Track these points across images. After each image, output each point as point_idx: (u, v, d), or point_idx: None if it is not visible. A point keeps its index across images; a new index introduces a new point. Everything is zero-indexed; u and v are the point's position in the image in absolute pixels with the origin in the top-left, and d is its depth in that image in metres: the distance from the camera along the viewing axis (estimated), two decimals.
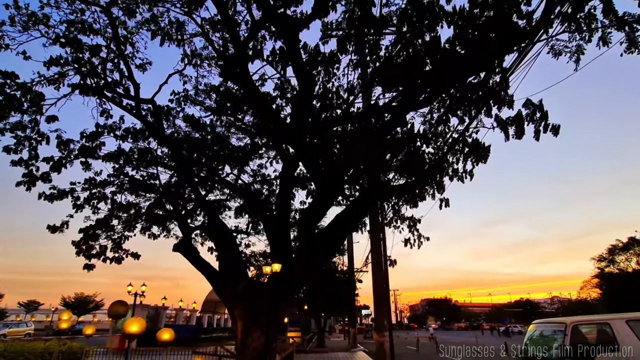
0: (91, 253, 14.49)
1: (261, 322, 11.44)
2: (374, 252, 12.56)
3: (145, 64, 13.16)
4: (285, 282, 11.68)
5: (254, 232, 18.82)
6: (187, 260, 13.12)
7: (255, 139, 14.61)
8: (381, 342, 11.31)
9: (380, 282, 11.97)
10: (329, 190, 10.48)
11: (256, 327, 11.47)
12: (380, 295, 11.87)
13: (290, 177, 13.15)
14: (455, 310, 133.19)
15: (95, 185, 13.97)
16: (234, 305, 12.07)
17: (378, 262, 12.23)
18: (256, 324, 11.50)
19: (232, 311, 12.20)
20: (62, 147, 11.37)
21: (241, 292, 11.77)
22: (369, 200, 12.15)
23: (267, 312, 11.45)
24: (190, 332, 30.27)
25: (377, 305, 11.89)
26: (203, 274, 13.11)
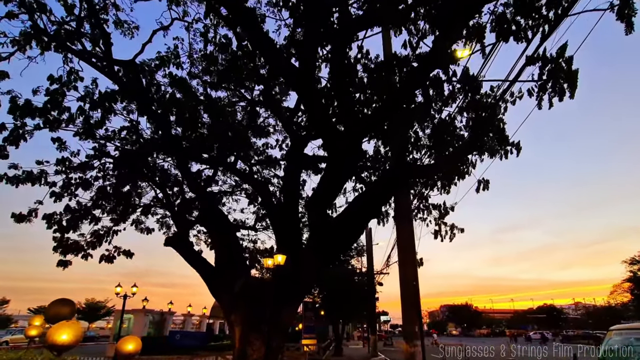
0: (67, 246, 12.44)
1: (262, 329, 9.30)
2: (400, 245, 10.30)
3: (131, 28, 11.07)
4: (291, 280, 9.52)
5: (262, 227, 16.70)
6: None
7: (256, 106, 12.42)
8: (412, 352, 9.07)
9: (409, 280, 9.72)
10: (343, 152, 8.23)
11: (257, 335, 9.36)
12: (409, 297, 9.63)
13: (298, 156, 10.98)
14: (476, 317, 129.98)
15: (72, 169, 11.91)
16: (231, 308, 9.95)
17: (406, 256, 9.99)
18: (256, 331, 9.38)
19: (228, 315, 10.07)
20: (19, 113, 9.21)
21: (238, 292, 9.63)
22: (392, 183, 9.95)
23: (269, 316, 9.31)
24: (198, 339, 28.15)
25: (406, 309, 9.64)
26: (198, 271, 11.06)
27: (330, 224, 9.82)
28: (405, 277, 9.86)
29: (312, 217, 9.65)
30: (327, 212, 10.19)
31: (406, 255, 10.10)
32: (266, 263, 10.38)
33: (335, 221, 9.93)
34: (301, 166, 11.42)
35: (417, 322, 9.62)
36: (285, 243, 10.21)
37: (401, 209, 10.61)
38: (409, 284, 9.78)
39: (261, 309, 9.46)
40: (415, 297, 9.77)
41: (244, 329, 9.47)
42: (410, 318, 9.57)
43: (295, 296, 9.69)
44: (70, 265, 12.15)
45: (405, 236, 10.31)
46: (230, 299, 9.88)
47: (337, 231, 9.47)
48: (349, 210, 9.77)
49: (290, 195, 10.65)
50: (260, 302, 9.54)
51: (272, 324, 9.32)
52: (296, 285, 9.54)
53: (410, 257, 10.05)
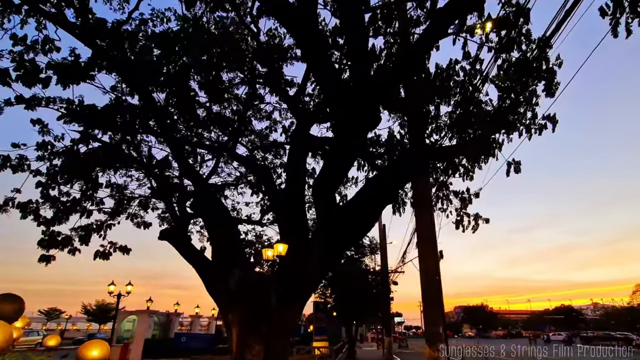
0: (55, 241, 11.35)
1: (262, 331, 8.11)
2: (420, 235, 9.01)
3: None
4: (296, 275, 8.32)
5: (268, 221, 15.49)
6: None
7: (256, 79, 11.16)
8: (435, 358, 7.80)
9: (431, 275, 8.44)
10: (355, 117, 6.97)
11: (255, 337, 8.20)
12: (431, 293, 8.35)
13: (304, 137, 9.76)
14: (492, 318, 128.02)
15: (56, 154, 10.80)
16: (228, 306, 8.78)
17: (427, 248, 8.70)
18: (256, 333, 8.21)
19: (225, 315, 8.89)
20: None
21: (235, 288, 8.44)
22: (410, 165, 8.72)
23: (270, 316, 8.11)
24: (205, 342, 27.04)
25: (428, 307, 8.35)
26: (194, 266, 9.93)
27: (340, 209, 8.62)
28: (426, 271, 8.59)
29: (319, 201, 8.43)
30: (335, 196, 8.98)
31: (426, 246, 8.83)
32: (265, 254, 9.16)
33: (346, 207, 8.73)
34: (307, 149, 10.20)
35: (441, 322, 8.34)
36: (289, 233, 9.02)
37: (420, 195, 9.34)
38: (431, 278, 8.51)
39: (261, 307, 8.27)
40: (438, 294, 8.50)
41: (242, 331, 8.32)
42: (433, 318, 8.29)
43: (301, 293, 8.46)
44: (53, 260, 11.03)
45: (425, 225, 9.03)
46: (227, 296, 8.71)
47: (347, 218, 8.27)
48: (362, 195, 8.56)
49: (294, 181, 9.44)
50: (261, 300, 8.36)
51: (273, 324, 8.13)
52: (301, 280, 8.34)
53: (431, 248, 8.77)
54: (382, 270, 27.68)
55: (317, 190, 8.39)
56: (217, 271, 9.06)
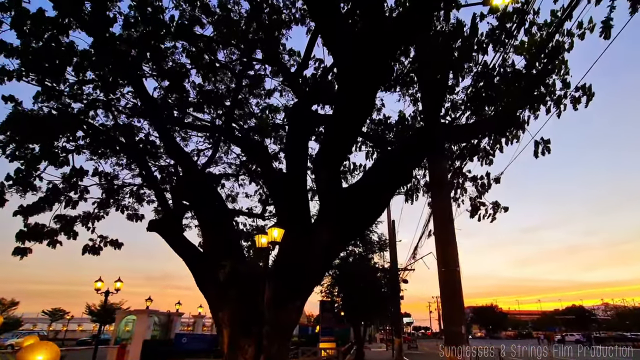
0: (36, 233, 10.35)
1: (256, 331, 7.05)
2: (437, 219, 7.85)
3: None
4: (296, 267, 7.25)
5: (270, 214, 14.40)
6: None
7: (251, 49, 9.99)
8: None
9: (450, 264, 7.32)
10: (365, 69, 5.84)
11: (248, 339, 7.12)
12: (451, 286, 7.22)
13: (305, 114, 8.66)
14: (502, 318, 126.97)
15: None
16: (217, 303, 7.71)
17: (444, 233, 7.57)
18: (249, 333, 7.13)
19: (214, 313, 7.82)
20: None
21: (224, 281, 7.37)
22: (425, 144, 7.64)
23: (265, 314, 7.05)
24: (207, 343, 25.90)
25: (447, 303, 7.21)
26: (183, 258, 8.85)
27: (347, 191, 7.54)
28: (445, 260, 7.47)
29: (322, 178, 7.34)
30: (340, 175, 7.90)
31: (444, 232, 7.70)
32: (259, 242, 8.06)
33: (355, 188, 7.65)
34: (309, 128, 9.11)
35: (462, 320, 7.22)
36: (289, 220, 7.93)
37: (437, 175, 8.20)
38: (450, 270, 7.38)
39: (255, 304, 7.21)
40: (458, 288, 7.37)
41: (234, 331, 7.25)
42: (454, 315, 7.16)
43: (302, 287, 7.38)
44: (30, 253, 10.00)
45: (443, 209, 7.90)
46: (216, 291, 7.64)
47: (356, 200, 7.21)
48: (372, 175, 7.55)
49: (295, 163, 8.34)
50: (254, 295, 7.29)
51: (269, 323, 7.06)
52: (303, 273, 7.26)
53: (449, 235, 7.64)
54: (392, 267, 26.47)
55: (319, 167, 7.30)
56: (206, 263, 7.99)
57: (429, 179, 8.90)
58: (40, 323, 71.62)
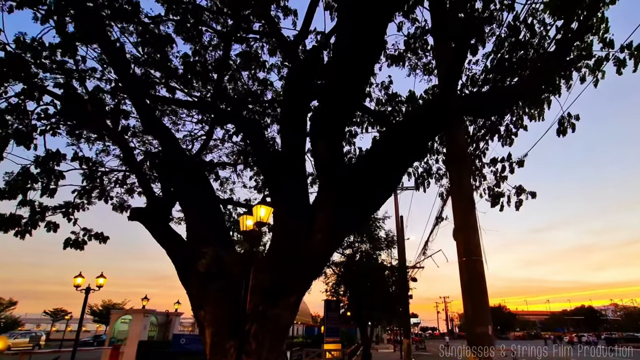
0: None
1: (243, 332, 5.91)
2: (457, 201, 6.65)
3: None
4: (292, 256, 6.12)
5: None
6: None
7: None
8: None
9: (473, 252, 6.15)
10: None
11: (234, 341, 5.99)
12: (475, 279, 6.05)
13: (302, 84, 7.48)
14: (510, 319, 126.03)
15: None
16: (199, 298, 6.56)
17: (466, 217, 6.38)
18: (234, 335, 5.99)
19: (196, 310, 6.67)
20: None
21: (204, 272, 6.22)
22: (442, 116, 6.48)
23: (254, 311, 5.92)
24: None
25: (470, 299, 6.04)
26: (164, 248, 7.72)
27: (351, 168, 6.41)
28: (466, 248, 6.30)
29: (320, 152, 6.18)
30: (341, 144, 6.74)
31: (465, 214, 6.52)
32: (244, 224, 6.83)
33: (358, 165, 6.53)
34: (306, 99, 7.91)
35: (489, 319, 6.06)
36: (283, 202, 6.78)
37: (455, 150, 7.02)
38: (473, 259, 6.22)
39: (243, 300, 6.07)
40: (482, 281, 6.20)
41: (217, 331, 6.11)
42: (478, 313, 5.99)
43: (296, 280, 6.22)
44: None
45: (463, 187, 6.71)
46: (197, 285, 6.49)
47: (359, 179, 6.06)
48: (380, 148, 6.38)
49: (290, 139, 7.16)
50: (242, 289, 6.14)
51: (258, 322, 5.92)
52: (298, 263, 6.12)
53: (471, 216, 6.48)
54: (400, 265, 25.20)
55: (318, 133, 6.14)
56: (187, 253, 6.83)
57: (446, 154, 7.74)
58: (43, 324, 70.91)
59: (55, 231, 10.33)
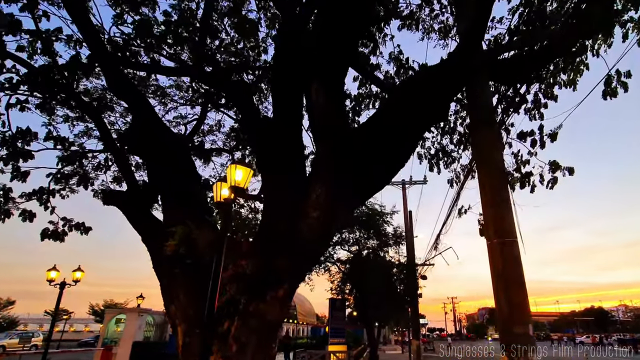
0: None
1: (221, 331, 4.72)
2: (484, 171, 5.34)
3: None
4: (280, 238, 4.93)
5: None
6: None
7: None
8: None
9: (506, 232, 4.85)
10: None
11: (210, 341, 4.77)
12: (510, 266, 4.77)
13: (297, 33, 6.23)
14: None
15: None
16: (170, 291, 5.37)
17: (496, 188, 5.08)
18: (210, 334, 4.79)
19: (168, 305, 5.48)
20: None
21: (172, 254, 5.01)
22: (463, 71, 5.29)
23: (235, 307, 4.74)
24: None
25: (503, 291, 4.74)
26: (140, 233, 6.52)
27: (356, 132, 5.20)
28: (497, 227, 5.06)
29: (315, 102, 4.96)
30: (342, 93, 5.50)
31: (495, 186, 5.26)
32: (218, 193, 5.44)
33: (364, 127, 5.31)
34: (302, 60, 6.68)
35: (528, 317, 4.83)
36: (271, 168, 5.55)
37: (481, 111, 5.75)
38: (507, 240, 4.99)
39: (220, 292, 4.87)
40: (519, 269, 4.96)
41: (190, 330, 4.92)
42: (515, 310, 4.75)
43: (287, 267, 5.00)
44: None
45: (491, 154, 5.46)
46: (168, 273, 5.30)
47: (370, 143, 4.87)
48: (390, 109, 5.16)
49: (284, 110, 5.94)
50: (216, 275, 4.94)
51: (241, 321, 4.73)
52: (289, 246, 4.93)
53: (502, 189, 5.24)
54: (409, 262, 23.88)
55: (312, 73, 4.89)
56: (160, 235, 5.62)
57: (470, 117, 6.50)
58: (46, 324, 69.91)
59: (31, 220, 9.42)
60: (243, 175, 4.77)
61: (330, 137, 4.76)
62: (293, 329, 53.26)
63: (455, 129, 9.32)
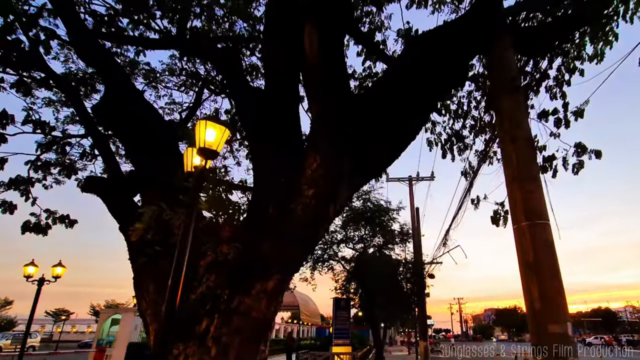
0: None
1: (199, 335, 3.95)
2: (510, 139, 4.46)
3: None
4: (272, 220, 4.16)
5: None
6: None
7: None
8: None
9: (537, 214, 4.05)
10: None
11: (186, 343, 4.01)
12: (541, 253, 3.99)
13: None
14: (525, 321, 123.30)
15: None
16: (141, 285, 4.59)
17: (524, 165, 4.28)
18: (185, 334, 4.02)
19: (139, 302, 4.70)
20: None
21: (137, 239, 4.23)
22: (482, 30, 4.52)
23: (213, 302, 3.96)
24: None
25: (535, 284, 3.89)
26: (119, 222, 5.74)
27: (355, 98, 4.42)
28: (527, 208, 4.25)
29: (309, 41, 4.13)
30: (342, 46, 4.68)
31: (523, 161, 4.45)
32: (189, 160, 4.48)
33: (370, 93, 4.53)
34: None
35: (565, 312, 4.03)
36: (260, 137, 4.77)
37: (505, 73, 4.91)
38: (537, 224, 4.19)
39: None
40: (552, 256, 4.15)
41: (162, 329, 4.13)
42: (550, 303, 3.95)
43: (277, 254, 4.20)
44: None
45: (521, 124, 4.64)
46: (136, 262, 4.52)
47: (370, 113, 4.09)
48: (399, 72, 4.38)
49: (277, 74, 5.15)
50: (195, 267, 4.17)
51: (221, 318, 3.96)
52: (279, 228, 4.15)
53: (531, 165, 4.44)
54: (416, 260, 23.04)
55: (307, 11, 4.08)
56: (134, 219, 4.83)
57: (491, 84, 5.69)
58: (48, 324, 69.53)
59: (11, 212, 8.83)
60: (216, 135, 3.91)
61: (327, 93, 3.94)
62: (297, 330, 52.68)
63: (469, 112, 8.57)
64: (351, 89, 5.83)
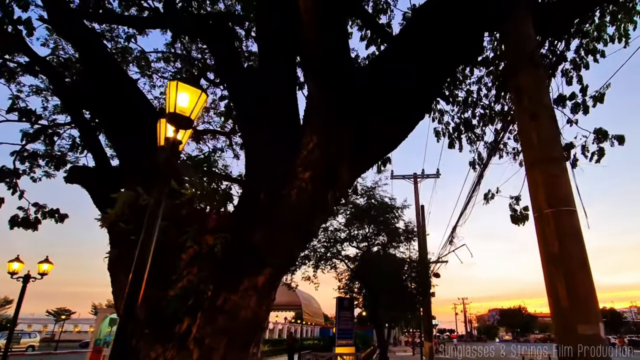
0: None
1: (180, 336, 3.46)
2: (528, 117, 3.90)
3: None
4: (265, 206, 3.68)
5: None
6: None
7: None
8: None
9: (562, 201, 3.58)
10: None
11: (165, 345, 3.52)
12: (568, 244, 3.53)
13: None
14: (530, 321, 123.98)
15: None
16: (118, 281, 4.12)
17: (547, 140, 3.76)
18: (165, 336, 3.54)
19: (116, 300, 4.23)
20: None
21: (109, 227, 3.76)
22: None
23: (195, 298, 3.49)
24: None
25: (561, 280, 3.40)
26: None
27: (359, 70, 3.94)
28: (551, 194, 3.76)
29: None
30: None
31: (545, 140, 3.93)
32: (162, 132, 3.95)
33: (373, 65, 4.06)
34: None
35: (596, 311, 3.52)
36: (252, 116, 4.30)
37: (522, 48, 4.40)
38: (562, 211, 3.69)
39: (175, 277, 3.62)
40: (581, 248, 3.65)
41: (137, 330, 3.67)
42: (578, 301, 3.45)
43: (269, 244, 3.72)
44: None
45: (538, 97, 4.12)
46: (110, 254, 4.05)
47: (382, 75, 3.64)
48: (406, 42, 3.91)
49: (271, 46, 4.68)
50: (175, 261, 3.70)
51: (205, 317, 3.48)
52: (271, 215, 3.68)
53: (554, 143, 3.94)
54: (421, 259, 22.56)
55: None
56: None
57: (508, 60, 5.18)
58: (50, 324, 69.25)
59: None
60: (190, 99, 3.37)
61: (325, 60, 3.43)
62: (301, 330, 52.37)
63: (479, 100, 8.08)
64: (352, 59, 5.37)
